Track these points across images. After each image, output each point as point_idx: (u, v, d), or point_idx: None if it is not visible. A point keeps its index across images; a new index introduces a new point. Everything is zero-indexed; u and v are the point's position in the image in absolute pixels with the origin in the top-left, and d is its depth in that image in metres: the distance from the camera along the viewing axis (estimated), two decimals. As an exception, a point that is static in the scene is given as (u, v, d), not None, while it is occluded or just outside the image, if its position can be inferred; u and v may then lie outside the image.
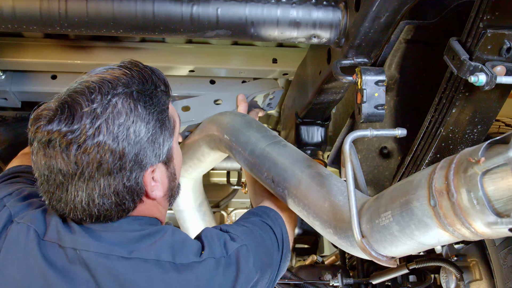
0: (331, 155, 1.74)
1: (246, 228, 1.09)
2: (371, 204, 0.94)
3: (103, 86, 0.91)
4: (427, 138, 1.22)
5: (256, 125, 1.41)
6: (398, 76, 1.38)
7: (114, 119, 0.89)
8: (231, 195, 2.64)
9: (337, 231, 1.04)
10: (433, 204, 0.77)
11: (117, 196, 0.92)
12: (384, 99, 1.15)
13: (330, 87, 1.47)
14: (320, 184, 1.12)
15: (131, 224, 0.96)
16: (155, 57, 1.75)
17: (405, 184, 0.86)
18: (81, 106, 0.88)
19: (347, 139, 0.96)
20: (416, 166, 1.29)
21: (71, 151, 0.87)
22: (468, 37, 0.98)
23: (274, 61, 1.80)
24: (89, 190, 0.90)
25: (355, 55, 1.21)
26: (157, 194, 0.98)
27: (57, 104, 0.90)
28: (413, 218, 0.81)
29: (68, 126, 0.87)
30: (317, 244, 2.29)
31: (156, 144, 0.95)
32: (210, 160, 1.68)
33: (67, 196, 0.90)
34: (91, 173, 0.88)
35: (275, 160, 1.25)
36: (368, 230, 0.92)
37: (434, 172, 0.79)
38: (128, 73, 0.95)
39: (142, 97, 0.94)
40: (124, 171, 0.91)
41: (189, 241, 0.98)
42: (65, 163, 0.88)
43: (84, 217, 0.92)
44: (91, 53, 1.72)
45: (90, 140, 0.87)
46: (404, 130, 0.98)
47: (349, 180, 0.94)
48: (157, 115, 0.95)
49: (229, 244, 1.00)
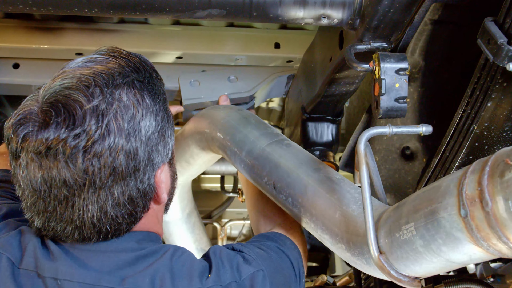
0: (343, 156, 1.73)
1: (262, 252, 1.09)
2: (391, 215, 0.94)
3: (97, 78, 0.90)
4: (457, 136, 1.21)
5: (254, 121, 1.42)
6: (423, 64, 1.38)
7: (123, 115, 0.90)
8: (225, 204, 2.65)
9: (350, 246, 1.04)
10: (463, 215, 0.77)
11: (131, 204, 0.93)
12: (406, 91, 1.15)
13: (343, 77, 1.47)
14: (330, 191, 1.12)
15: (128, 242, 0.96)
16: (136, 42, 1.76)
17: (430, 191, 0.85)
18: (80, 103, 0.87)
19: (361, 137, 0.96)
20: (445, 169, 1.29)
21: (78, 158, 0.86)
22: (506, 17, 0.98)
23: (276, 46, 1.81)
24: (101, 201, 0.90)
25: (372, 39, 1.21)
26: (164, 197, 1.00)
27: (44, 105, 0.88)
28: (440, 231, 0.81)
29: (70, 130, 0.86)
30: (327, 262, 2.30)
31: (166, 138, 0.98)
32: (200, 162, 1.68)
33: (72, 213, 0.90)
34: (103, 181, 0.88)
35: (277, 162, 1.25)
36: (387, 245, 0.92)
37: (465, 177, 0.78)
38: (116, 62, 0.95)
39: (145, 86, 0.95)
40: (138, 173, 0.92)
41: (193, 262, 0.98)
42: (71, 173, 0.87)
43: (91, 236, 0.92)
44: (61, 37, 1.72)
45: (100, 142, 0.87)
46: (429, 127, 0.97)
47: (364, 185, 0.94)
48: (162, 105, 0.98)
49: (243, 268, 1.00)
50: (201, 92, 1.77)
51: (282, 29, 1.84)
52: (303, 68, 1.75)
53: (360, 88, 1.61)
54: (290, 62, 1.83)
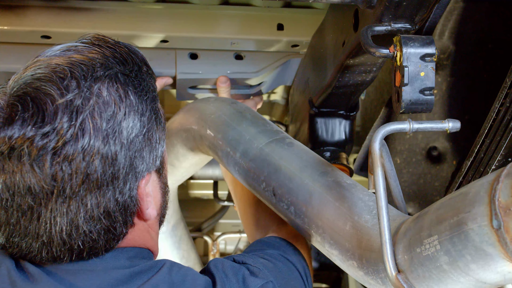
0: (359, 158, 1.74)
1: (268, 262, 1.12)
2: (410, 226, 0.94)
3: (75, 69, 0.91)
4: (494, 135, 1.21)
5: (251, 116, 1.42)
6: (453, 48, 1.38)
7: (101, 112, 0.90)
8: (218, 215, 2.65)
9: (363, 263, 1.04)
10: (496, 226, 0.76)
11: (107, 218, 0.93)
12: (433, 81, 1.15)
13: (358, 64, 1.46)
14: (340, 198, 1.12)
15: (118, 259, 0.97)
16: (113, 22, 1.76)
17: (456, 198, 0.85)
18: (52, 97, 0.88)
19: (376, 135, 0.96)
20: (479, 174, 1.28)
21: (46, 161, 0.87)
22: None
23: (279, 27, 1.81)
24: (72, 213, 0.90)
25: (392, 19, 1.21)
26: (151, 213, 1.00)
27: (11, 99, 0.89)
28: (468, 245, 0.81)
29: (38, 128, 0.86)
30: (339, 283, 2.30)
31: (153, 143, 0.99)
32: (187, 165, 1.69)
33: (38, 227, 0.90)
34: (74, 189, 0.89)
35: (277, 164, 1.25)
36: (407, 262, 0.92)
37: (498, 181, 0.78)
38: (100, 51, 0.96)
39: (130, 81, 0.96)
40: (117, 182, 0.92)
41: (193, 276, 1.00)
42: (36, 179, 0.87)
43: (61, 254, 0.93)
44: (23, 16, 1.73)
45: (72, 143, 0.87)
46: (457, 123, 0.97)
47: (379, 192, 0.94)
48: (150, 104, 0.99)
49: (250, 281, 1.02)
50: (200, 67, 1.79)
51: (286, 8, 1.84)
52: (311, 53, 1.75)
53: (378, 77, 1.61)
54: (295, 46, 1.83)
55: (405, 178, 1.56)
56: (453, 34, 1.36)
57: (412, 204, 1.56)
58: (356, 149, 1.87)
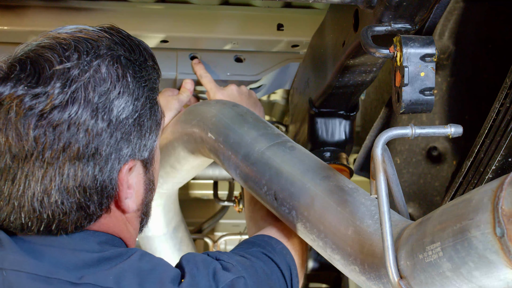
0: (359, 158, 1.74)
1: (244, 259, 1.10)
2: (413, 232, 0.94)
3: (80, 44, 0.94)
4: (494, 135, 1.21)
5: (252, 119, 1.42)
6: (453, 48, 1.37)
7: (95, 86, 0.91)
8: (219, 215, 2.65)
9: (364, 268, 1.04)
10: (499, 234, 0.76)
11: (83, 194, 0.93)
12: (433, 81, 1.14)
13: (358, 64, 1.46)
14: (342, 203, 1.12)
15: (87, 242, 0.96)
16: (113, 22, 1.75)
17: (459, 205, 0.85)
18: (51, 63, 0.90)
19: (378, 140, 0.96)
20: (479, 174, 1.28)
21: (31, 122, 0.88)
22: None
23: (279, 27, 1.80)
24: (47, 180, 0.90)
25: (392, 19, 1.21)
26: (130, 205, 1.00)
27: (13, 60, 0.91)
28: (471, 252, 0.81)
29: (30, 88, 0.88)
30: (339, 284, 2.30)
31: (143, 131, 0.99)
32: (188, 167, 1.69)
33: (11, 189, 0.91)
34: (53, 156, 0.89)
35: (279, 168, 1.25)
36: (409, 268, 0.92)
37: (502, 189, 0.77)
38: (109, 37, 0.98)
39: (131, 66, 0.97)
40: (99, 158, 0.93)
41: (164, 267, 0.99)
42: (18, 138, 0.88)
43: (29, 222, 0.92)
44: (23, 16, 1.73)
45: (60, 109, 0.88)
46: (459, 128, 0.97)
47: (381, 197, 0.94)
48: (148, 92, 1.00)
49: (221, 275, 1.01)
50: None
51: (286, 8, 1.84)
52: (311, 54, 1.75)
53: (379, 78, 1.61)
54: (295, 46, 1.83)
55: (405, 178, 1.56)
56: (453, 34, 1.36)
57: (412, 204, 1.56)
58: (356, 149, 1.87)
